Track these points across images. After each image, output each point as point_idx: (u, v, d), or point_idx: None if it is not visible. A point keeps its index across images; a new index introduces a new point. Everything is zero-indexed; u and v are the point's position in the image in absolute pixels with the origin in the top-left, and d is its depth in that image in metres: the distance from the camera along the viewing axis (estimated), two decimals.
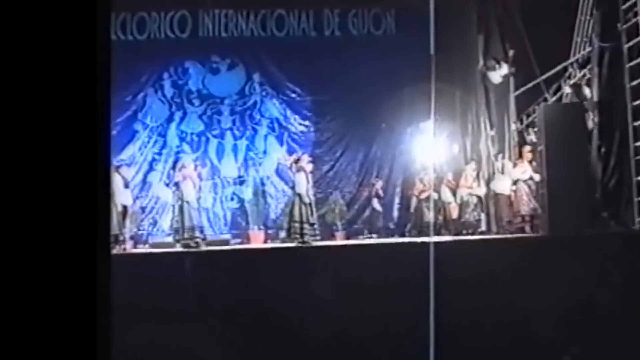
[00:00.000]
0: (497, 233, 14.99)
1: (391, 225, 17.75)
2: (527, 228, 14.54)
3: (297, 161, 14.30)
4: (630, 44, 13.21)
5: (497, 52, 16.52)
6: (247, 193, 17.51)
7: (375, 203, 17.41)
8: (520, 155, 15.24)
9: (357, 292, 10.78)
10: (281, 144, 18.39)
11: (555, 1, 15.13)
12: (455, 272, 10.04)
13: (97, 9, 1.59)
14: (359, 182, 18.42)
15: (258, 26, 18.39)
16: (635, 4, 13.13)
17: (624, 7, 13.39)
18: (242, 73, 18.60)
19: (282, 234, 15.17)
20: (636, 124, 13.18)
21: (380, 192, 17.51)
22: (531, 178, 14.47)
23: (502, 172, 15.36)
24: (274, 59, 18.36)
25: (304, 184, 13.75)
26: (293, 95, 18.45)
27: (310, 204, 13.73)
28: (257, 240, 16.09)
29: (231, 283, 11.06)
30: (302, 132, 18.48)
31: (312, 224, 13.64)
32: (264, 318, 10.67)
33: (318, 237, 13.87)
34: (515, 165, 15.14)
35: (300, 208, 13.55)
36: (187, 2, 17.94)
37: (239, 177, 17.93)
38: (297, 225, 13.49)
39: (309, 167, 14.20)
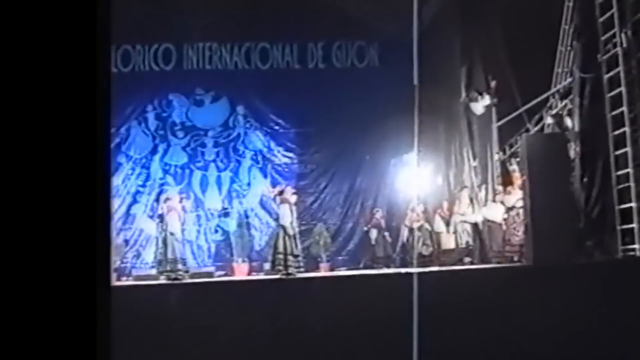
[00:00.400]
0: (489, 262, 14.91)
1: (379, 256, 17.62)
2: (516, 258, 14.48)
3: (281, 193, 14.28)
4: (611, 74, 13.34)
5: (479, 83, 16.64)
6: (232, 225, 17.42)
7: (374, 234, 16.98)
8: (510, 183, 15.23)
9: (341, 323, 10.71)
10: (265, 176, 18.34)
11: (536, 33, 15.29)
12: (439, 303, 9.99)
13: (97, 39, 1.61)
14: (344, 214, 18.38)
15: (242, 59, 18.45)
16: (614, 35, 13.29)
17: (603, 38, 13.54)
18: (226, 105, 18.61)
19: (267, 266, 15.08)
20: (618, 152, 13.26)
21: (382, 223, 17.09)
22: (522, 206, 14.42)
23: (494, 200, 15.34)
24: (258, 92, 18.39)
25: (288, 216, 13.72)
26: (277, 127, 18.45)
27: (294, 235, 13.69)
28: (242, 272, 16.00)
29: (215, 315, 10.96)
30: (286, 164, 18.46)
31: (296, 256, 13.59)
32: (248, 349, 10.57)
33: (302, 269, 13.81)
34: (509, 193, 15.10)
35: (284, 240, 13.50)
36: (171, 35, 17.99)
37: (223, 209, 17.85)
38: (281, 257, 13.43)
39: (293, 199, 14.18)
